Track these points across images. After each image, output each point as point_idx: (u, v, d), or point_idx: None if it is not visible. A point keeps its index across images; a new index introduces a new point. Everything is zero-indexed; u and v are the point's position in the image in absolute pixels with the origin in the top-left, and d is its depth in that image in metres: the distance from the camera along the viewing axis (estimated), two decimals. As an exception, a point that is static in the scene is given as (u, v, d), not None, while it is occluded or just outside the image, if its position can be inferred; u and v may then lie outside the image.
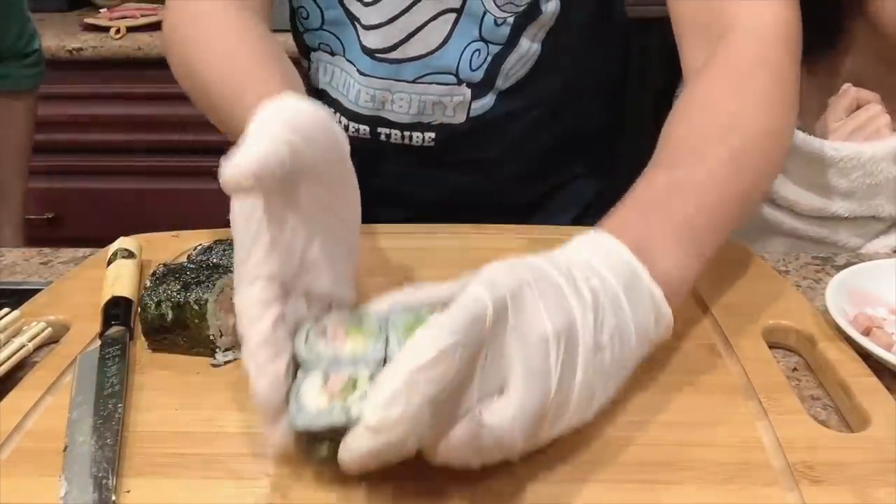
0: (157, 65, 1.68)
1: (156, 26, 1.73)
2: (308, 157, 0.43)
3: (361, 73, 0.78)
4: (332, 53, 0.80)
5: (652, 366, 0.52)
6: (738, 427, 0.46)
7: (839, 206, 0.78)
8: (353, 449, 0.36)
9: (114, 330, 0.55)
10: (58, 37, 1.71)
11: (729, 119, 0.55)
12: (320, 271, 0.46)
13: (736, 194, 0.53)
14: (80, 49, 1.69)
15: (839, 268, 0.63)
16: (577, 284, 0.42)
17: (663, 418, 0.47)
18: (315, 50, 0.81)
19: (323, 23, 0.79)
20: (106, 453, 0.44)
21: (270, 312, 0.41)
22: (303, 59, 0.85)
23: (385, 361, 0.41)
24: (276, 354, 0.40)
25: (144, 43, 1.68)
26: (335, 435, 0.37)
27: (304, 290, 0.45)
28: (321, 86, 0.83)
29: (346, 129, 0.81)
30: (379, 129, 0.80)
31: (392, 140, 0.80)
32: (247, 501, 0.41)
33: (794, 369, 0.54)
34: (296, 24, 0.82)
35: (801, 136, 0.78)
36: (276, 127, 0.41)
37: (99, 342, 0.54)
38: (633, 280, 0.45)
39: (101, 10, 1.86)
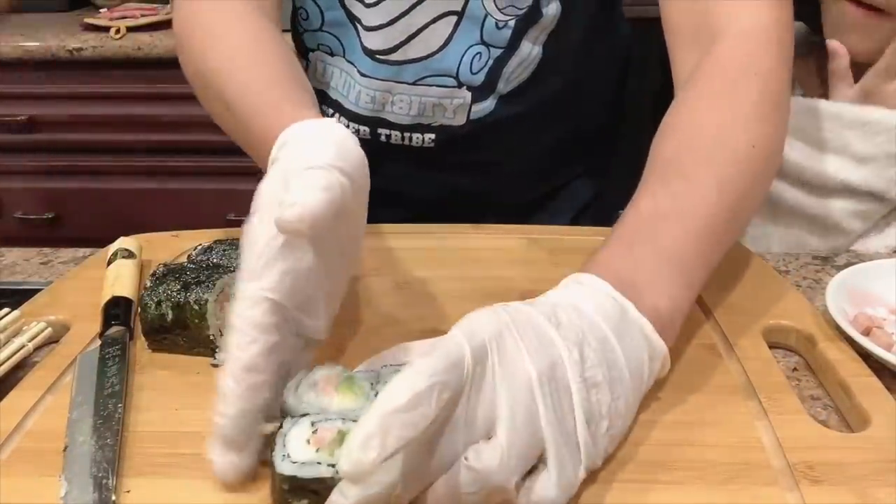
0: (157, 65, 1.69)
1: (156, 26, 1.73)
2: (349, 196, 0.42)
3: (362, 74, 0.78)
4: (332, 54, 0.80)
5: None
6: (738, 427, 0.46)
7: (851, 172, 0.77)
8: None
9: (114, 330, 0.55)
10: (58, 37, 1.71)
11: (717, 135, 0.54)
12: (317, 309, 0.45)
13: (726, 215, 0.52)
14: (80, 49, 1.69)
15: (839, 268, 0.64)
16: (560, 325, 0.41)
17: (663, 418, 0.47)
18: (314, 50, 0.81)
19: (323, 24, 0.79)
20: (106, 453, 0.44)
21: (266, 339, 0.40)
22: (300, 58, 0.85)
23: None
24: (262, 385, 0.40)
25: (144, 43, 1.68)
26: (319, 488, 0.37)
27: (296, 324, 0.44)
28: (320, 86, 0.83)
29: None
30: (379, 130, 0.80)
31: (392, 141, 0.80)
32: (247, 502, 0.41)
33: (795, 369, 0.54)
34: (296, 25, 0.82)
35: (824, 102, 0.78)
36: (329, 168, 0.41)
37: (99, 342, 0.54)
38: (622, 317, 0.44)
39: (101, 10, 1.86)
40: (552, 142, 0.84)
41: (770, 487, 0.41)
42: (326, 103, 0.83)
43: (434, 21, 0.74)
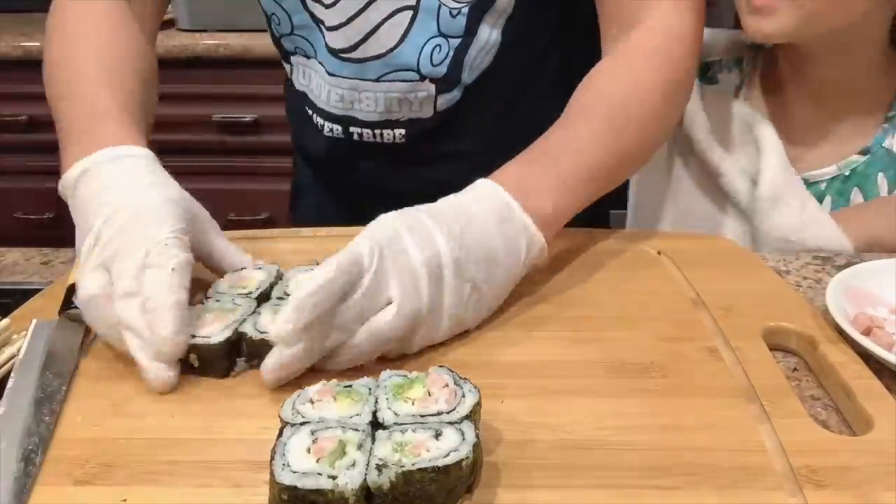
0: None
1: (155, 25, 1.72)
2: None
3: (329, 74, 0.79)
4: (307, 56, 0.81)
5: (653, 369, 0.51)
6: (740, 431, 0.46)
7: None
8: (269, 363, 0.48)
9: (75, 312, 0.54)
10: (56, 36, 1.70)
11: (622, 98, 0.68)
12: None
13: (614, 158, 0.66)
14: (79, 49, 1.69)
15: (839, 268, 0.63)
16: (443, 222, 0.54)
17: (665, 422, 0.47)
18: (293, 54, 0.83)
19: (293, 28, 0.80)
20: (41, 430, 0.44)
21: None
22: (284, 63, 0.86)
23: (373, 425, 0.41)
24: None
25: (143, 42, 1.68)
26: (319, 499, 0.37)
27: None
28: (302, 89, 0.84)
29: (322, 129, 0.83)
30: (351, 129, 0.81)
31: (364, 139, 0.81)
32: (245, 508, 0.41)
33: (794, 370, 0.53)
34: (272, 30, 0.84)
35: None
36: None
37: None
38: (507, 213, 0.57)
39: (99, 10, 1.86)
40: (526, 129, 0.83)
41: (773, 492, 0.41)
42: (307, 104, 0.84)
43: (389, 17, 0.74)
